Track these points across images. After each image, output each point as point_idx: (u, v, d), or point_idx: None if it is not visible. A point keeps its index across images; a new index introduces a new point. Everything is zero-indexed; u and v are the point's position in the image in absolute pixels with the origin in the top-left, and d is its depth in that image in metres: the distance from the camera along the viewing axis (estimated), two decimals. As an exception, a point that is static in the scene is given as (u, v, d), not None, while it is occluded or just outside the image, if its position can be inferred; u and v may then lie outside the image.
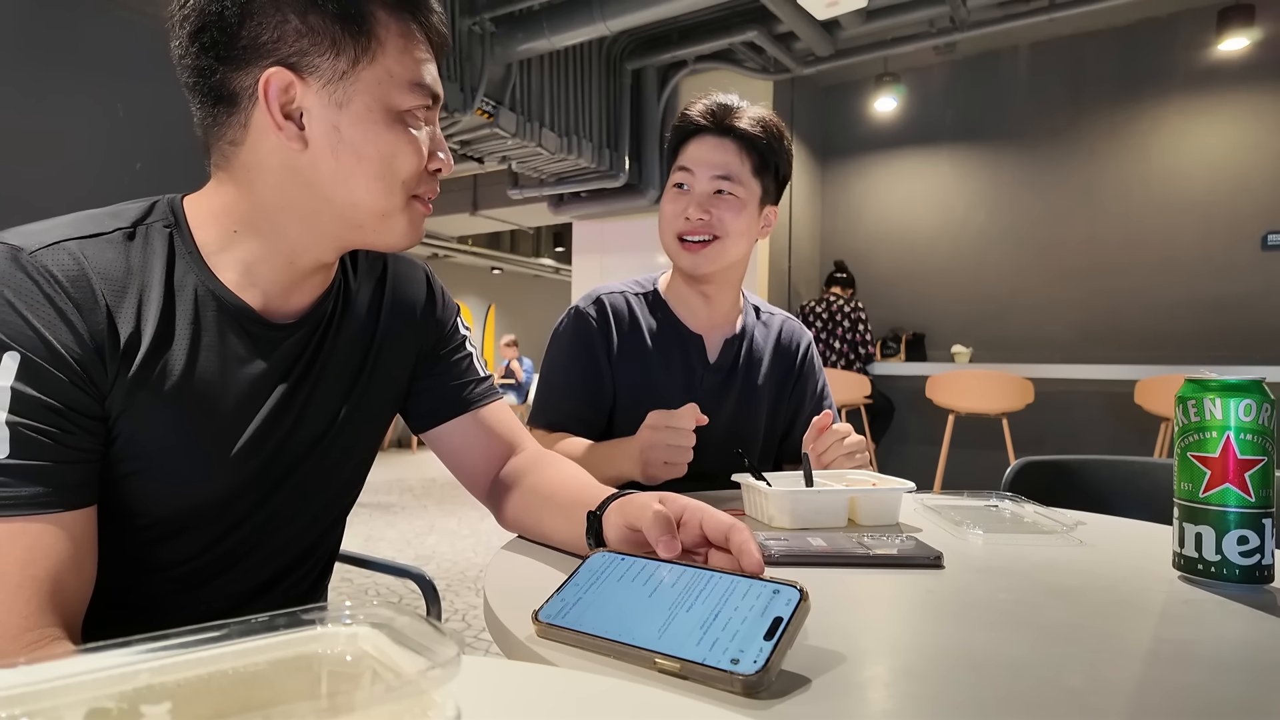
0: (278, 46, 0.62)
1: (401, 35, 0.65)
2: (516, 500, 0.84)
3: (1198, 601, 0.62)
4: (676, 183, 1.20)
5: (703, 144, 1.18)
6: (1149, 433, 3.91)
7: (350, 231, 0.69)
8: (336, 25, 0.62)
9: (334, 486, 0.80)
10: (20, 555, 0.54)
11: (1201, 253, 4.38)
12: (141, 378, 0.62)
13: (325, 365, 0.75)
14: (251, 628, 0.34)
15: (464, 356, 0.89)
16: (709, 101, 1.20)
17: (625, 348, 1.21)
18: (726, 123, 1.18)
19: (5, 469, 0.54)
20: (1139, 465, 1.28)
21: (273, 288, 0.70)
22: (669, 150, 1.24)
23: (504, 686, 0.40)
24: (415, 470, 6.86)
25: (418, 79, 0.66)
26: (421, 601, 1.05)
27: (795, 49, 4.64)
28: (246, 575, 0.74)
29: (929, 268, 5.18)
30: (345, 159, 0.65)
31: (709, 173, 1.17)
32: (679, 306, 1.27)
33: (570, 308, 1.25)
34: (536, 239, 11.05)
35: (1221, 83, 4.37)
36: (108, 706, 0.29)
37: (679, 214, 1.18)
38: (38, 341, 0.56)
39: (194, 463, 0.66)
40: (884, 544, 0.76)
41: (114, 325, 0.61)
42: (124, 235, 0.64)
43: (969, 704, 0.43)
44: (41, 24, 2.36)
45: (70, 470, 0.58)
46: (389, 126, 0.65)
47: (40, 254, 0.59)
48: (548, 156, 4.71)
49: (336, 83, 0.64)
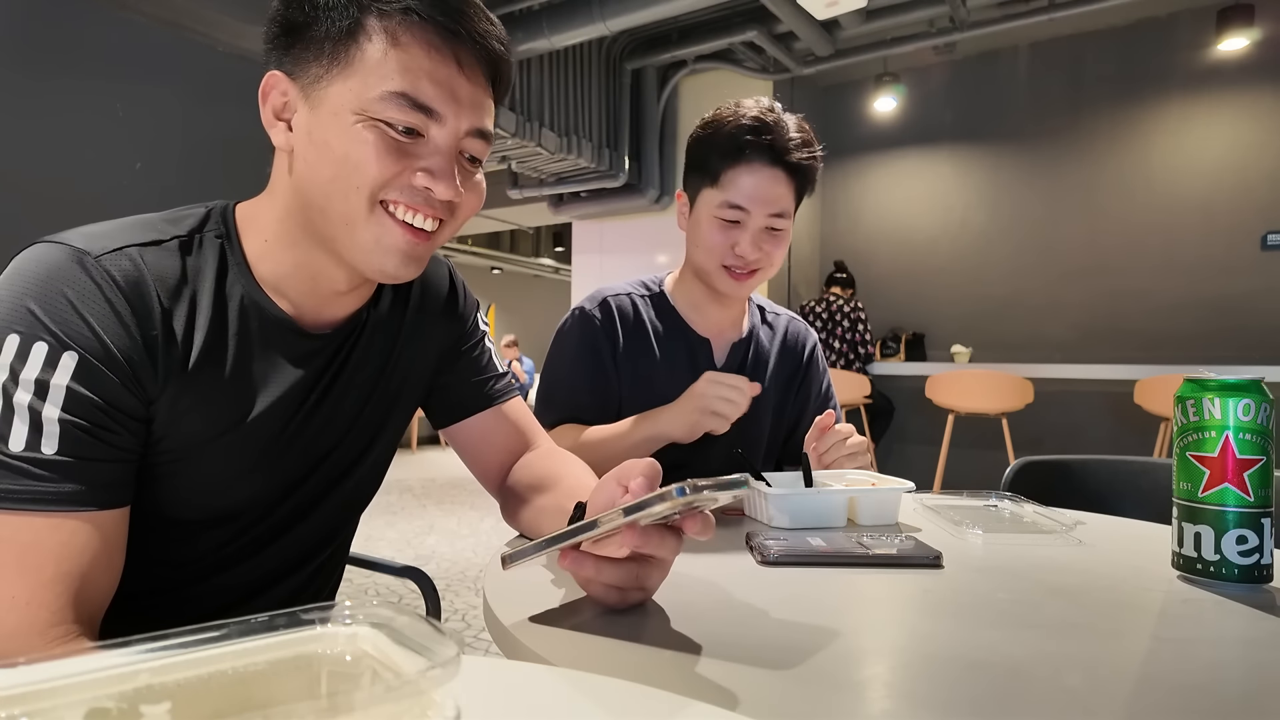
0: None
1: (397, 45, 0.62)
2: (520, 499, 0.84)
3: (1196, 601, 0.62)
4: (727, 218, 1.12)
5: (756, 176, 1.10)
6: (1149, 433, 3.91)
7: (332, 247, 0.67)
8: (323, 31, 0.63)
9: (353, 484, 0.80)
10: (56, 550, 0.55)
11: (1201, 253, 4.38)
12: (188, 383, 0.63)
13: (354, 369, 0.76)
14: (251, 628, 0.34)
15: (484, 352, 0.90)
16: (758, 122, 1.11)
17: (630, 352, 1.20)
18: (779, 149, 1.10)
19: (51, 464, 0.55)
20: (1138, 465, 1.28)
21: (303, 300, 0.71)
22: (701, 160, 1.15)
23: (504, 686, 0.40)
24: (415, 470, 6.86)
25: (398, 89, 0.62)
26: (421, 601, 1.05)
27: (795, 49, 4.64)
28: (255, 570, 0.75)
29: (929, 268, 5.18)
30: (312, 159, 0.64)
31: (764, 210, 1.11)
32: (687, 310, 1.24)
33: (575, 308, 1.23)
34: (536, 239, 11.05)
35: (1221, 83, 4.37)
36: (107, 706, 0.29)
37: (727, 246, 1.13)
38: (95, 343, 0.58)
39: (228, 466, 0.68)
40: (883, 544, 0.76)
41: (169, 331, 0.63)
42: (180, 244, 0.66)
43: (968, 703, 0.43)
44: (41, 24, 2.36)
45: (111, 470, 0.59)
46: (353, 127, 0.62)
47: (105, 259, 0.60)
48: (547, 156, 4.70)
49: (313, 85, 0.63)
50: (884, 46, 4.46)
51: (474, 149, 0.68)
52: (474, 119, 0.66)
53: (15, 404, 0.55)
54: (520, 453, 0.91)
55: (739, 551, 0.77)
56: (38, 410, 0.55)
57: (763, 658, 0.49)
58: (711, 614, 0.58)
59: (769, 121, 1.11)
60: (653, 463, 0.57)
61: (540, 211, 6.36)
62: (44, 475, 0.55)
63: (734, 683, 0.45)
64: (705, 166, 1.14)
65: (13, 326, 0.56)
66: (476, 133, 0.67)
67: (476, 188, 0.70)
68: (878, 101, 4.96)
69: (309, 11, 0.63)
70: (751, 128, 1.10)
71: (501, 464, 0.90)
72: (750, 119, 1.11)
